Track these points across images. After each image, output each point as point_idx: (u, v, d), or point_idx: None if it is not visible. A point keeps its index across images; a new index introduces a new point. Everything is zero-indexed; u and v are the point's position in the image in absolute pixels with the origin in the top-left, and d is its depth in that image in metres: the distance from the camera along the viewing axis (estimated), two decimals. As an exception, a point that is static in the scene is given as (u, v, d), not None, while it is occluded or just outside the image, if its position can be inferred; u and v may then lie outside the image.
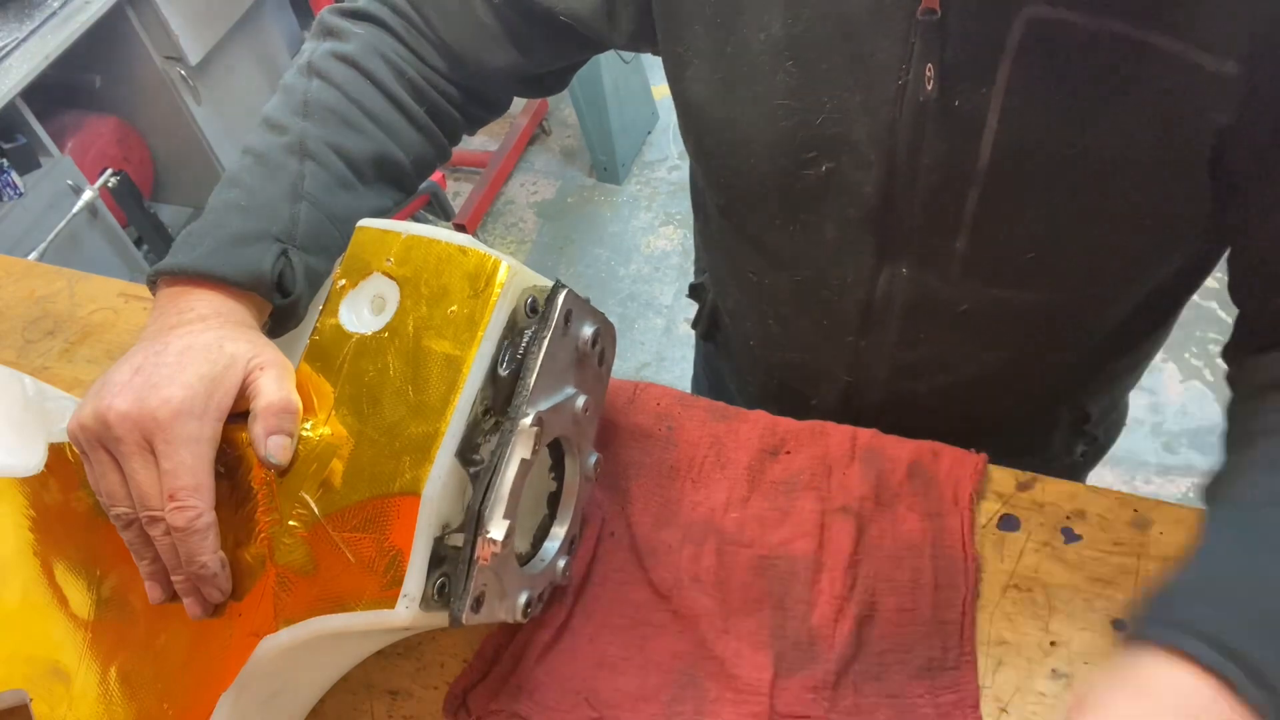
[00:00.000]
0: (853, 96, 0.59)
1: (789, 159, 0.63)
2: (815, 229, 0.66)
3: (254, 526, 0.52)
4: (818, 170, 0.63)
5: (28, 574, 0.59)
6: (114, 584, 0.57)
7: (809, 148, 0.62)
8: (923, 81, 0.56)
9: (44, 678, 0.56)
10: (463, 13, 0.70)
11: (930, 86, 0.56)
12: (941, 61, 0.55)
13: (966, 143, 0.57)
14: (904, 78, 0.57)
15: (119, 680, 0.55)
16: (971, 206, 0.60)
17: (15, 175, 1.79)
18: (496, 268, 0.51)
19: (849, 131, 0.60)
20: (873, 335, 0.71)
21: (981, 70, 0.55)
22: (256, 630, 0.51)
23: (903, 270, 0.66)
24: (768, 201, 0.67)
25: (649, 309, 2.31)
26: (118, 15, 2.01)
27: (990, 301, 0.66)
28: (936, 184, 0.60)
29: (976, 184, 0.59)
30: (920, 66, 0.56)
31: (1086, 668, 0.58)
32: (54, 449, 0.62)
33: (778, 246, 0.70)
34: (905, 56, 0.56)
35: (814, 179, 0.63)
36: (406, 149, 0.71)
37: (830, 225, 0.66)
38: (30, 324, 0.86)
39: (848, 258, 0.67)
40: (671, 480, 0.69)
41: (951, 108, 0.57)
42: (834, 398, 0.78)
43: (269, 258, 0.60)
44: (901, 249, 0.65)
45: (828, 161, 0.62)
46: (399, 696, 0.61)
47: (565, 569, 0.61)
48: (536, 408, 0.53)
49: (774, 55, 0.60)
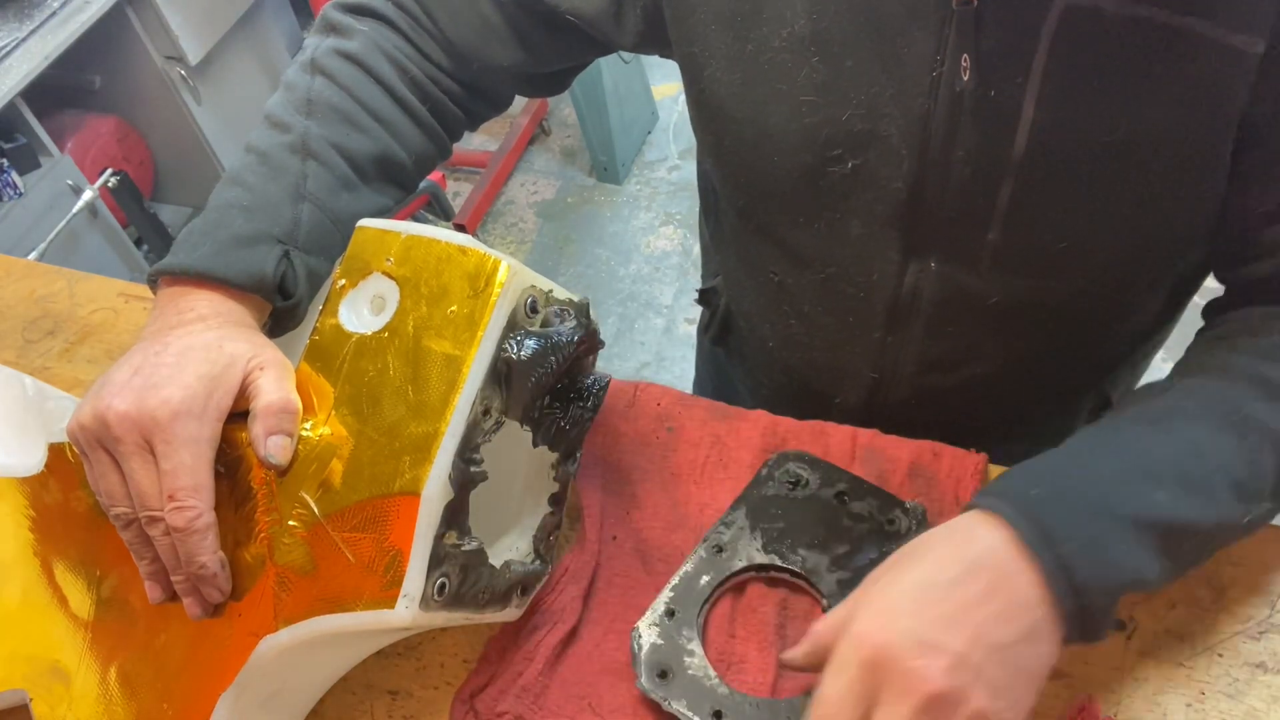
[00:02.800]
0: (883, 90, 0.59)
1: (814, 156, 0.63)
2: (841, 226, 0.66)
3: (254, 526, 0.52)
4: (843, 167, 0.62)
5: (28, 574, 0.59)
6: (114, 584, 0.57)
7: (834, 144, 0.62)
8: (959, 72, 0.56)
9: (44, 678, 0.56)
10: (468, 10, 0.70)
11: (967, 77, 0.56)
12: (978, 51, 0.55)
13: (1002, 133, 0.57)
14: (939, 69, 0.57)
15: (119, 680, 0.55)
16: (1005, 198, 0.60)
17: (15, 175, 1.79)
18: (496, 267, 0.51)
19: (876, 126, 0.60)
20: (899, 331, 0.71)
21: (1018, 59, 0.55)
22: (256, 630, 0.51)
23: (931, 264, 0.66)
24: (791, 200, 0.67)
25: (649, 309, 2.31)
26: (118, 15, 2.01)
27: (1021, 292, 0.65)
28: (970, 176, 0.60)
29: (1011, 175, 0.59)
30: (956, 57, 0.56)
31: (1086, 668, 0.58)
32: (54, 449, 0.62)
33: (801, 245, 0.70)
34: (940, 47, 0.56)
35: (839, 176, 0.63)
36: (409, 147, 0.71)
37: (856, 222, 0.65)
38: (30, 324, 0.86)
39: (874, 254, 0.67)
40: (676, 483, 0.68)
41: (988, 98, 0.57)
42: (858, 396, 0.77)
43: (271, 260, 0.60)
44: (930, 243, 0.65)
45: (854, 158, 0.62)
46: (399, 696, 0.61)
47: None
48: None
49: (798, 52, 0.60)
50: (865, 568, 0.59)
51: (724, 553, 0.62)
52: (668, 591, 0.61)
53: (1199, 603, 0.60)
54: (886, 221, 0.64)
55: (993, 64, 0.56)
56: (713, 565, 0.62)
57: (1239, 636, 0.59)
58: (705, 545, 0.63)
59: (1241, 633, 0.59)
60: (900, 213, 0.63)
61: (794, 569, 0.61)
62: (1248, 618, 0.59)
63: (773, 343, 0.81)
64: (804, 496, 0.63)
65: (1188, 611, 0.60)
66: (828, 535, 0.62)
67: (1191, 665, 0.58)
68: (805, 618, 0.61)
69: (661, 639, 0.59)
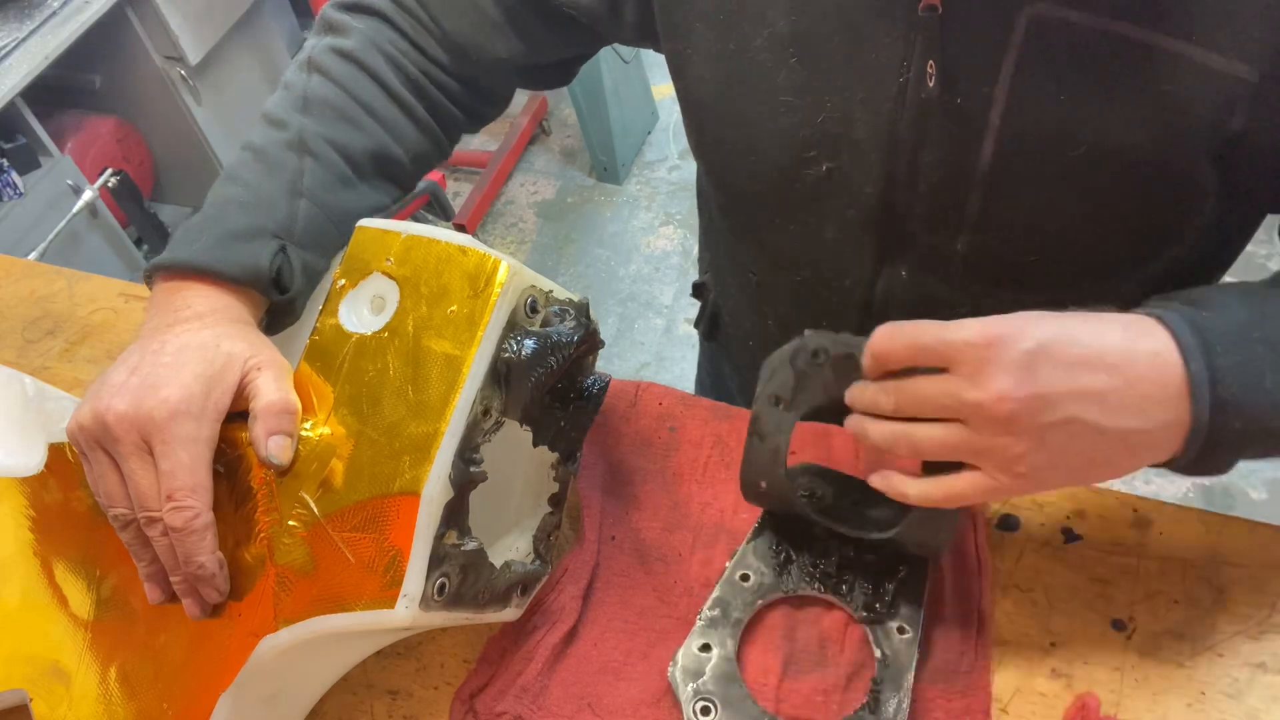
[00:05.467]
0: (854, 94, 0.59)
1: (789, 157, 0.63)
2: (815, 229, 0.66)
3: (254, 526, 0.52)
4: (818, 169, 0.63)
5: (28, 574, 0.59)
6: (114, 584, 0.57)
7: (810, 146, 0.62)
8: (924, 79, 0.56)
9: (44, 678, 0.56)
10: (465, 3, 0.70)
11: (932, 84, 0.56)
12: (943, 58, 0.55)
13: (969, 141, 0.57)
14: (905, 75, 0.57)
15: (119, 680, 0.55)
16: (974, 207, 0.60)
17: (15, 175, 1.79)
18: (496, 267, 0.51)
19: (850, 130, 0.60)
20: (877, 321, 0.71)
21: (984, 68, 0.55)
22: (256, 630, 0.51)
23: (902, 273, 0.66)
24: (768, 200, 0.67)
25: (649, 309, 2.31)
26: (118, 15, 2.01)
27: (991, 303, 0.65)
28: (938, 183, 0.60)
29: (979, 184, 0.59)
30: (922, 63, 0.56)
31: (1086, 667, 0.58)
32: (54, 449, 0.62)
33: (778, 246, 0.70)
34: (907, 53, 0.56)
35: (814, 178, 0.63)
36: (405, 145, 0.71)
37: (830, 225, 0.66)
38: (30, 324, 0.86)
39: (847, 259, 0.67)
40: (678, 482, 0.69)
41: (954, 105, 0.57)
42: None
43: (267, 254, 0.60)
44: (902, 250, 0.65)
45: (829, 161, 0.62)
46: (399, 696, 0.61)
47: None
48: None
49: (777, 52, 0.60)
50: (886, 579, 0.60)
51: (749, 582, 0.62)
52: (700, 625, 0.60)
53: (1199, 603, 0.60)
54: (859, 226, 0.64)
55: (959, 72, 0.56)
56: (739, 593, 0.61)
57: (1239, 636, 0.59)
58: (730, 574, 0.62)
59: (1241, 633, 0.59)
60: (872, 218, 0.63)
61: (822, 595, 0.61)
62: (1248, 618, 0.59)
63: (753, 341, 0.82)
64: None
65: (1188, 611, 0.60)
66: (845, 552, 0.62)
67: (1191, 665, 0.58)
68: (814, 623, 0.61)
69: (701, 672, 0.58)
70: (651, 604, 0.63)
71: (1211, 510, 0.64)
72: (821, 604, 0.61)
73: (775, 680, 0.58)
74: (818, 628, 0.60)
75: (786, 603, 0.61)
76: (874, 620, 0.59)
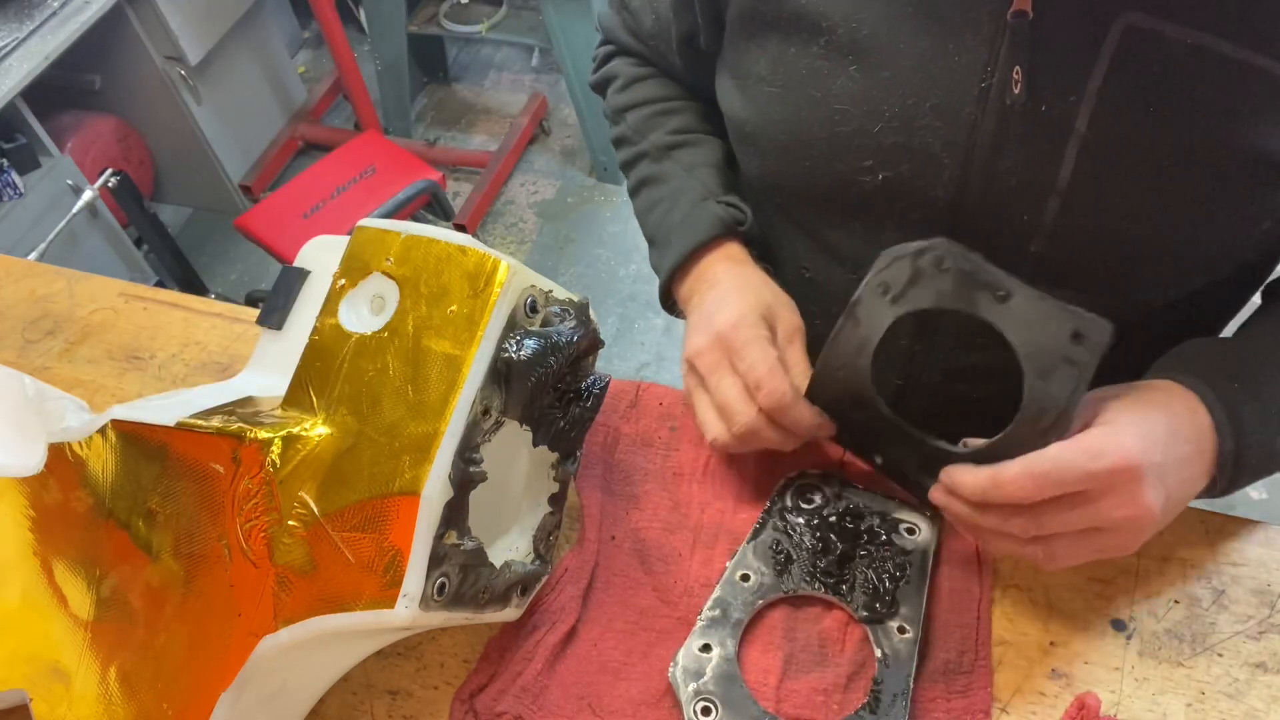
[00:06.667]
0: (922, 101, 0.59)
1: (845, 165, 0.63)
2: (875, 230, 0.66)
3: (254, 526, 0.52)
4: (874, 179, 0.63)
5: (28, 574, 0.59)
6: (114, 584, 0.57)
7: (865, 156, 0.62)
8: (1009, 84, 0.56)
9: (44, 678, 0.56)
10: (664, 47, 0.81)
11: (1018, 89, 0.56)
12: (1031, 64, 0.55)
13: (1051, 148, 0.57)
14: (988, 80, 0.57)
15: (119, 680, 0.55)
16: (1051, 213, 0.59)
17: (15, 175, 1.80)
18: (496, 267, 0.51)
19: (910, 140, 0.60)
20: (928, 339, 0.70)
21: (1073, 76, 0.55)
22: (256, 630, 0.51)
23: None
24: (826, 202, 0.67)
25: (649, 309, 2.31)
26: (118, 15, 2.02)
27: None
28: (1015, 189, 0.59)
29: (1058, 191, 0.58)
30: (1007, 69, 0.56)
31: (1086, 667, 0.58)
32: (54, 449, 0.62)
33: (836, 243, 0.70)
34: (991, 58, 0.56)
35: (870, 186, 0.63)
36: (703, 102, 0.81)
37: (891, 226, 0.65)
38: (30, 324, 0.86)
39: None
40: (679, 482, 0.69)
41: (1038, 112, 0.56)
42: None
43: (713, 208, 0.72)
44: None
45: (884, 170, 0.62)
46: (399, 696, 0.61)
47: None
48: None
49: (835, 60, 0.60)
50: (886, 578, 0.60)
51: (749, 582, 0.62)
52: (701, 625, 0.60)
53: (1199, 603, 0.60)
54: (923, 229, 0.63)
55: (1046, 78, 0.55)
56: (739, 593, 0.61)
57: (1239, 636, 0.59)
58: (730, 574, 0.62)
59: (1241, 633, 0.59)
60: (939, 220, 0.63)
61: (822, 595, 0.61)
62: (1247, 618, 0.59)
63: None
64: (820, 516, 0.63)
65: (1188, 611, 0.60)
66: (845, 551, 0.62)
67: (1191, 665, 0.58)
68: (814, 622, 0.61)
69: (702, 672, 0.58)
70: (651, 604, 0.63)
71: (1211, 510, 0.64)
72: (821, 604, 0.61)
73: (775, 680, 0.58)
74: (818, 627, 0.60)
75: (787, 602, 0.61)
76: (874, 620, 0.59)
